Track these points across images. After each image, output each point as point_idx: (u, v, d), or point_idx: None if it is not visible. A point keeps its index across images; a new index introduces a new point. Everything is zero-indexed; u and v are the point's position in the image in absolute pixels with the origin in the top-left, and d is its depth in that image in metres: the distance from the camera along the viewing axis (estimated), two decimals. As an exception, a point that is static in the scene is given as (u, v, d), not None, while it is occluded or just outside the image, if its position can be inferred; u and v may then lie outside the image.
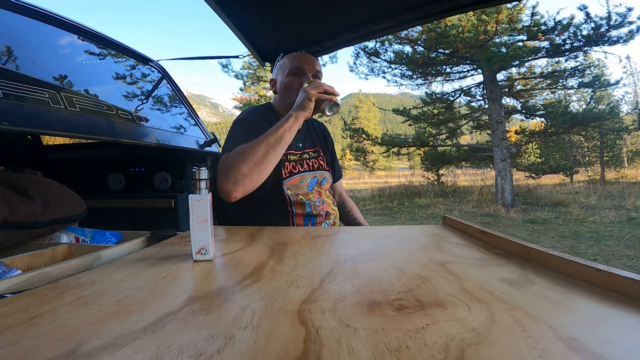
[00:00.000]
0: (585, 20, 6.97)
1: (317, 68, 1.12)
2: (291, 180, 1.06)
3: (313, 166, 1.15)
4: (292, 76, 1.10)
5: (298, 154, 1.13)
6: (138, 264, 0.51)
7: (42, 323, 0.31)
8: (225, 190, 0.84)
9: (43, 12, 1.27)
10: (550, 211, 6.99)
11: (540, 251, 0.48)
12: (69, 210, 1.07)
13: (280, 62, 1.17)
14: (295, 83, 1.09)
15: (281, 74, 1.13)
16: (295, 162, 1.11)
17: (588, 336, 0.27)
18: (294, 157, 1.11)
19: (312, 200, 1.07)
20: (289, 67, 1.11)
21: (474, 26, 7.66)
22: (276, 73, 1.18)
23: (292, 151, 1.11)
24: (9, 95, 0.92)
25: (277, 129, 0.88)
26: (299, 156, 1.13)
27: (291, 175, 1.07)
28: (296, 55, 1.13)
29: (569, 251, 3.98)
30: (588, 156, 20.37)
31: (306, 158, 1.15)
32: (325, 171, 1.19)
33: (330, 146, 1.28)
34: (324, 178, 1.17)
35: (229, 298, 0.37)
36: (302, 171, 1.11)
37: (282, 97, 1.12)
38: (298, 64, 1.10)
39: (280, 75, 1.13)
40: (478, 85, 9.36)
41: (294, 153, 1.12)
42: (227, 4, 1.29)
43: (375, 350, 0.26)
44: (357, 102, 35.06)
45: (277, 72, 1.17)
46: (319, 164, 1.18)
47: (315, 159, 1.17)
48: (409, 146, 10.06)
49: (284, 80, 1.11)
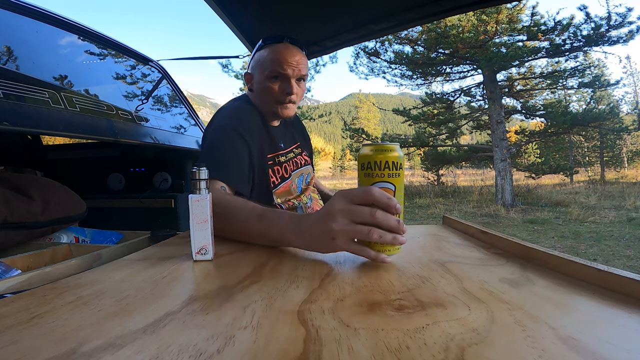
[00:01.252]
0: (585, 21, 6.98)
1: (303, 71, 0.94)
2: (281, 189, 0.98)
3: (299, 163, 1.10)
4: (272, 79, 0.93)
5: (284, 153, 1.03)
6: (138, 264, 0.51)
7: (42, 323, 0.31)
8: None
9: (43, 12, 1.27)
10: (550, 211, 6.99)
11: (540, 251, 0.48)
12: (69, 210, 1.07)
13: (260, 53, 0.96)
14: (277, 92, 0.94)
15: (259, 72, 0.95)
16: (285, 164, 1.02)
17: (588, 336, 0.27)
18: (282, 158, 1.02)
19: (304, 202, 1.04)
20: (268, 69, 0.93)
21: (474, 26, 7.66)
22: (253, 67, 0.98)
23: (279, 152, 1.01)
24: (9, 95, 0.92)
25: (256, 233, 0.59)
26: (286, 156, 1.04)
27: (282, 181, 0.99)
28: (279, 51, 0.92)
29: (569, 251, 3.98)
30: (588, 156, 20.37)
31: (292, 157, 1.08)
32: (308, 166, 1.14)
33: (307, 136, 1.23)
34: (308, 174, 1.13)
35: (229, 298, 0.37)
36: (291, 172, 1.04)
37: (259, 100, 0.98)
38: (280, 67, 0.91)
39: (259, 74, 0.96)
40: (478, 85, 9.37)
41: (281, 154, 1.02)
42: (226, 4, 1.29)
43: (375, 350, 0.26)
44: (357, 102, 35.10)
45: (254, 66, 0.98)
46: (304, 160, 1.13)
47: (300, 155, 1.12)
48: (409, 146, 10.06)
49: (262, 83, 0.95)
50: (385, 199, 0.45)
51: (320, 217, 0.49)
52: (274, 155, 0.99)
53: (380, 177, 0.49)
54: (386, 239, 0.45)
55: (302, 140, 1.18)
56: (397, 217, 0.46)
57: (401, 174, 0.50)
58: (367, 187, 0.46)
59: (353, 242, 0.47)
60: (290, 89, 0.93)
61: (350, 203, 0.46)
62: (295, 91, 0.95)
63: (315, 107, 13.04)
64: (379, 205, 0.46)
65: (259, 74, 0.96)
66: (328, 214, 0.47)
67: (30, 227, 0.94)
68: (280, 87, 0.94)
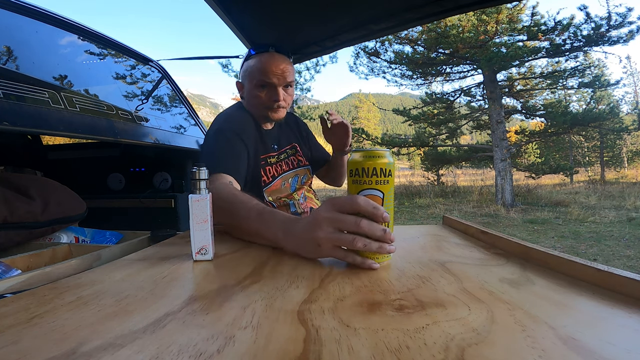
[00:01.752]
0: (585, 20, 6.97)
1: (289, 78, 0.98)
2: (272, 187, 1.03)
3: (292, 164, 1.12)
4: (260, 88, 0.98)
5: (275, 155, 1.08)
6: (138, 264, 0.51)
7: (42, 323, 0.31)
8: None
9: (43, 12, 1.27)
10: (550, 211, 6.99)
11: (540, 251, 0.48)
12: (69, 210, 1.07)
13: (247, 63, 1.01)
14: (264, 100, 0.99)
15: (248, 82, 1.01)
16: (275, 165, 1.07)
17: (588, 336, 0.27)
18: (273, 159, 1.06)
19: (296, 199, 1.07)
20: (256, 78, 0.98)
21: (474, 26, 7.66)
22: (243, 76, 1.04)
23: (270, 154, 1.06)
24: (9, 95, 0.92)
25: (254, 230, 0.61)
26: (277, 157, 1.08)
27: (273, 180, 1.03)
28: (264, 61, 0.96)
29: (569, 251, 3.99)
30: (588, 156, 20.37)
31: (284, 158, 1.11)
32: (305, 167, 1.16)
33: (306, 135, 1.25)
34: (305, 175, 1.16)
35: (229, 298, 0.37)
36: (282, 172, 1.07)
37: (251, 106, 1.04)
38: (266, 76, 0.96)
39: (248, 83, 1.01)
40: (478, 85, 9.37)
41: (272, 155, 1.06)
42: (227, 4, 1.29)
43: (375, 350, 0.26)
44: (357, 102, 35.10)
45: (243, 75, 1.03)
46: (298, 160, 1.15)
47: (293, 156, 1.15)
48: (409, 146, 10.06)
49: (251, 91, 1.00)
50: (371, 208, 0.45)
51: (308, 224, 0.50)
52: (266, 156, 1.05)
53: (368, 184, 0.48)
54: (371, 247, 0.45)
55: (298, 141, 1.20)
56: (383, 226, 0.45)
57: (390, 181, 0.49)
58: (353, 196, 0.47)
59: (339, 248, 0.47)
60: (277, 97, 0.98)
61: (337, 212, 0.47)
62: (283, 97, 1.00)
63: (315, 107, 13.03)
64: (365, 215, 0.45)
65: (247, 83, 1.01)
66: (314, 221, 0.48)
67: (30, 227, 0.94)
68: (267, 95, 0.99)
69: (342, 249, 0.48)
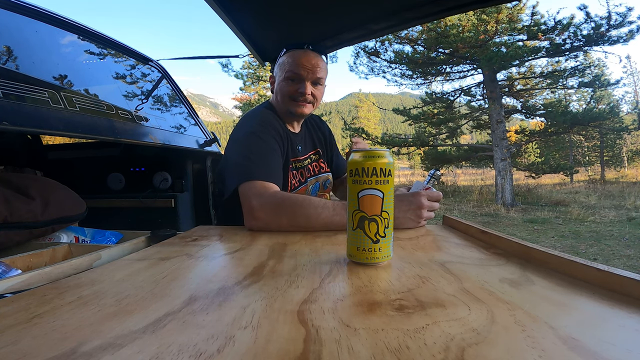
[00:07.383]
0: (585, 20, 6.97)
1: (319, 74, 1.00)
2: (299, 192, 1.04)
3: (314, 171, 1.13)
4: (288, 81, 1.01)
5: (301, 160, 1.09)
6: (138, 264, 0.51)
7: (42, 323, 0.31)
8: (256, 222, 0.77)
9: (43, 12, 1.27)
10: (550, 211, 6.99)
11: (540, 251, 0.48)
12: (69, 210, 1.07)
13: (282, 58, 1.05)
14: (291, 90, 1.00)
15: (280, 74, 1.03)
16: (301, 170, 1.08)
17: (588, 336, 0.27)
18: (299, 163, 1.08)
19: None
20: (286, 70, 1.00)
21: (474, 26, 7.66)
22: (276, 71, 1.07)
23: (298, 157, 1.07)
24: (9, 95, 0.92)
25: (332, 220, 0.75)
26: (302, 163, 1.09)
27: (300, 185, 1.05)
28: (297, 55, 1.00)
29: (569, 251, 3.99)
30: (588, 156, 20.37)
31: (308, 163, 1.12)
32: (326, 173, 1.17)
33: (330, 141, 1.25)
34: (327, 180, 1.16)
35: (229, 298, 0.37)
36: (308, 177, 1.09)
37: (278, 98, 1.05)
38: (296, 68, 0.98)
39: (279, 76, 1.04)
40: (478, 85, 9.37)
41: (299, 160, 1.08)
42: (227, 4, 1.29)
43: (375, 350, 0.26)
44: (357, 101, 35.06)
45: (277, 69, 1.06)
46: (320, 167, 1.16)
47: (316, 162, 1.15)
48: (409, 146, 10.06)
49: (280, 83, 1.03)
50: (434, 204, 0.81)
51: (409, 202, 0.77)
52: (294, 160, 1.06)
53: (368, 184, 0.48)
54: (430, 215, 0.80)
55: (322, 146, 1.20)
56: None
57: (390, 181, 0.49)
58: (420, 194, 0.79)
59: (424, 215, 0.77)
60: (304, 89, 0.99)
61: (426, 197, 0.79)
62: (309, 92, 1.01)
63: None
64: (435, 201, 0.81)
65: (279, 75, 1.04)
66: (417, 195, 0.78)
67: (30, 227, 0.94)
68: (294, 87, 1.00)
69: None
